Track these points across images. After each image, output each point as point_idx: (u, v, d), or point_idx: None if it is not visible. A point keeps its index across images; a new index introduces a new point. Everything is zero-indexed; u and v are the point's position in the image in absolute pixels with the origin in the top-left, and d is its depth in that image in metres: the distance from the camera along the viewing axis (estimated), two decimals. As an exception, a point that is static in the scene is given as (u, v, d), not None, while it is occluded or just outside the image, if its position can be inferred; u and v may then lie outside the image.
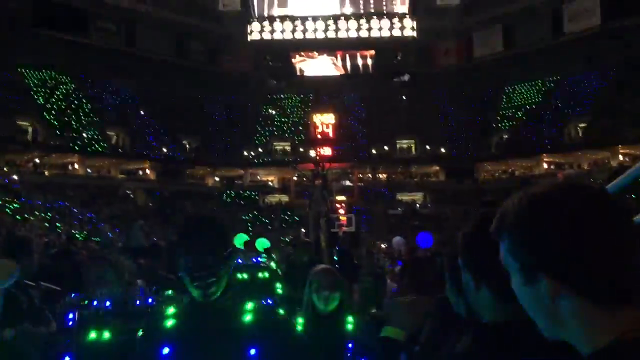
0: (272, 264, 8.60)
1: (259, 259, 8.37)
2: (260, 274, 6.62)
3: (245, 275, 6.70)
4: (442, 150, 45.89)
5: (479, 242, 1.41)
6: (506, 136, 45.40)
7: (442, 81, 48.99)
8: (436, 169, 46.75)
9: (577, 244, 0.93)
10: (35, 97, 41.90)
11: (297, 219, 38.26)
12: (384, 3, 20.96)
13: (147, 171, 44.76)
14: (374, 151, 45.76)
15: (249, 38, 21.90)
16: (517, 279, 1.02)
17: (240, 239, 9.10)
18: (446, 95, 50.59)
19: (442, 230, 32.70)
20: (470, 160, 44.86)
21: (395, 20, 20.79)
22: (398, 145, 47.56)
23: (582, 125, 41.37)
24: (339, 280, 3.23)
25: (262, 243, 9.44)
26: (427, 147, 46.63)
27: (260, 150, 46.78)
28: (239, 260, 7.59)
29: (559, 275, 0.94)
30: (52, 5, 38.34)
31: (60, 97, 43.27)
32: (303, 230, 25.28)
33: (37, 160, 39.29)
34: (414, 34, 20.88)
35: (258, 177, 48.08)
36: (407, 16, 20.67)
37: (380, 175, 47.47)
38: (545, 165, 42.92)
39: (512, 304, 1.18)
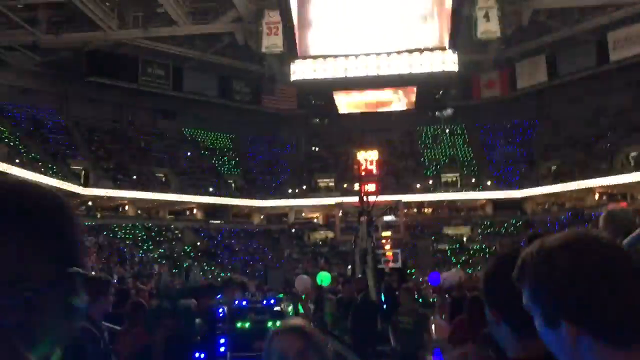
0: (290, 308, 7.92)
1: (272, 300, 6.72)
2: (270, 323, 5.35)
3: (246, 324, 5.45)
4: (489, 182, 45.22)
5: (499, 281, 1.53)
6: (554, 167, 44.47)
7: (485, 113, 48.63)
8: (483, 202, 46.01)
9: (592, 294, 1.05)
10: (88, 142, 43.56)
11: (343, 255, 38.17)
12: (425, 39, 21.13)
13: (195, 211, 45.61)
14: (418, 185, 45.45)
15: (292, 78, 22.46)
16: (540, 321, 1.14)
17: (325, 278, 8.86)
18: (490, 128, 50.17)
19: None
20: (518, 192, 43.99)
21: (437, 55, 20.91)
22: (443, 179, 47.15)
23: (634, 154, 40.23)
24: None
25: (325, 278, 9.25)
26: (473, 180, 46.07)
27: (304, 187, 47.12)
28: (243, 303, 6.09)
29: (578, 321, 1.06)
30: (103, 55, 40.08)
31: (111, 141, 44.89)
32: (349, 267, 25.18)
33: (89, 204, 40.53)
34: (456, 68, 21.01)
35: (303, 214, 48.32)
36: (448, 50, 20.80)
37: (426, 210, 47.01)
38: (596, 196, 41.72)
39: (533, 341, 1.28)
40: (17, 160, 33.91)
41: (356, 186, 40.67)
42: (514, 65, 45.60)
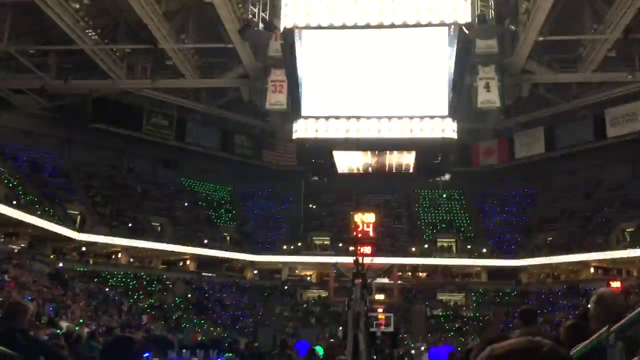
0: None
1: None
2: None
3: None
4: (484, 250, 45.08)
5: None
6: (550, 238, 44.47)
7: (483, 181, 49.01)
8: (478, 269, 45.75)
9: None
10: (87, 187, 43.61)
11: (335, 315, 37.63)
12: (426, 105, 21.55)
13: (188, 262, 45.23)
14: (413, 249, 45.28)
15: (294, 136, 22.77)
16: None
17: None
18: (488, 195, 50.46)
19: (485, 333, 31.51)
20: (514, 261, 43.80)
21: (437, 121, 21.28)
22: (439, 244, 47.01)
23: (629, 229, 40.32)
24: None
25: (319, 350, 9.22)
26: (469, 246, 45.94)
27: (299, 244, 46.90)
28: None
29: None
30: (109, 102, 40.67)
31: (109, 187, 44.95)
32: (340, 328, 24.84)
33: (83, 249, 40.23)
34: (455, 135, 21.38)
35: (296, 271, 47.91)
36: (448, 118, 21.20)
37: (421, 274, 46.67)
38: (592, 270, 41.57)
39: None
40: (14, 202, 33.86)
41: (352, 247, 40.60)
42: (513, 135, 46.26)
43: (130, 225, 42.19)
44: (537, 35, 28.81)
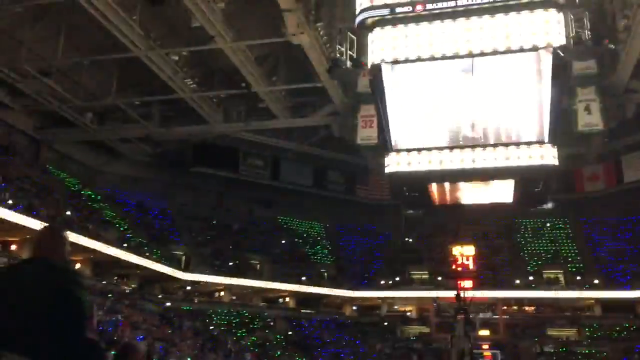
0: None
1: None
2: None
3: None
4: (596, 281, 42.25)
5: None
6: (668, 267, 41.08)
7: (590, 207, 46.33)
8: (591, 302, 42.82)
9: None
10: (189, 228, 45.48)
11: (437, 352, 36.47)
12: (522, 132, 20.80)
13: (287, 299, 45.71)
14: (517, 281, 43.22)
15: (386, 170, 22.70)
16: None
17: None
18: (596, 222, 47.55)
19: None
20: (630, 292, 40.74)
21: (535, 148, 20.46)
22: (545, 276, 44.63)
23: None
24: None
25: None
26: (578, 277, 43.27)
27: (397, 278, 46.18)
28: None
29: None
30: (207, 146, 42.50)
31: (210, 227, 46.63)
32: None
33: (188, 288, 41.73)
34: (556, 161, 20.42)
35: (395, 306, 47.07)
36: (547, 144, 20.32)
37: (527, 308, 44.34)
38: None
39: None
40: (124, 245, 35.88)
41: (452, 281, 39.48)
42: (620, 158, 43.54)
43: (230, 264, 43.39)
44: (639, 52, 27.20)
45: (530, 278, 43.86)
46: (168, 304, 38.36)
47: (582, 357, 37.91)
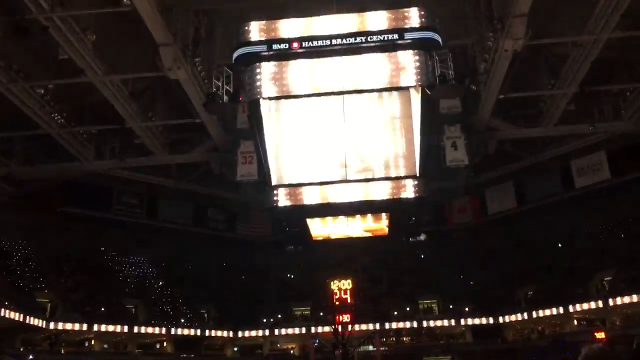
0: None
1: None
2: None
3: None
4: (467, 308, 44.52)
5: None
6: (530, 293, 44.25)
7: (458, 238, 48.98)
8: (462, 329, 44.97)
9: None
10: (57, 272, 42.36)
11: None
12: (391, 167, 21.70)
13: (165, 344, 43.62)
14: (395, 313, 44.50)
15: (266, 206, 22.67)
16: None
17: None
18: (464, 252, 50.30)
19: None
20: (496, 318, 43.35)
21: (409, 182, 21.35)
22: (420, 306, 46.33)
23: (607, 278, 40.40)
24: None
25: None
26: (451, 306, 45.35)
27: (279, 316, 45.76)
28: None
29: None
30: (77, 185, 40.03)
31: (80, 271, 43.70)
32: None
33: (53, 337, 38.61)
34: (425, 194, 21.46)
35: (278, 344, 46.51)
36: (420, 178, 21.31)
37: (404, 339, 45.68)
38: (575, 322, 41.23)
39: None
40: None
41: (331, 317, 39.79)
42: (484, 192, 46.62)
43: (102, 309, 40.79)
44: (498, 93, 29.54)
45: (407, 309, 45.32)
46: (30, 357, 35.16)
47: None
